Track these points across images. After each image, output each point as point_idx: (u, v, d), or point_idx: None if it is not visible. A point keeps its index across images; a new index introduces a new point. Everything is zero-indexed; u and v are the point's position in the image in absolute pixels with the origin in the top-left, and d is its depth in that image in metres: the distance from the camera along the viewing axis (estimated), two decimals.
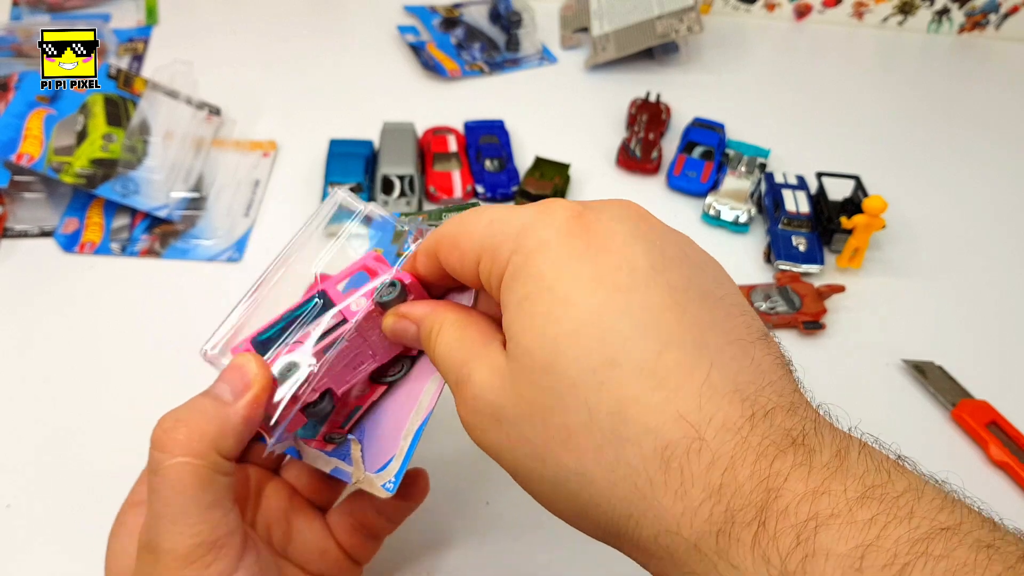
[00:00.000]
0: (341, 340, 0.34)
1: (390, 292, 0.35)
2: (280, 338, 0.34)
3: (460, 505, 0.51)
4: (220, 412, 0.30)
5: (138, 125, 0.69)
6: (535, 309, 0.26)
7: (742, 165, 0.75)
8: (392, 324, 0.34)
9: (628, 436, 0.24)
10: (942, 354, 0.61)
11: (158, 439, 0.29)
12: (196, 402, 0.31)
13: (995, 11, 0.98)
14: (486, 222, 0.29)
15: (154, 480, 0.29)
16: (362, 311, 0.34)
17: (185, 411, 0.30)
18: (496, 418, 0.27)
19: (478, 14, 0.95)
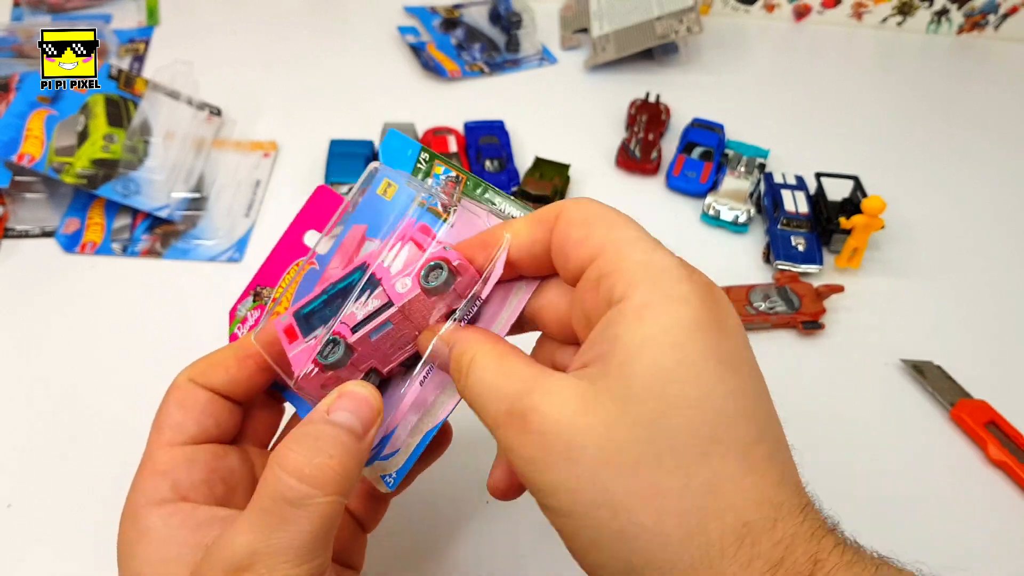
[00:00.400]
0: (387, 324, 0.33)
1: (437, 276, 0.33)
2: (322, 310, 0.34)
3: (460, 505, 0.51)
4: (356, 448, 0.30)
5: (139, 125, 0.69)
6: (658, 361, 0.26)
7: (741, 165, 0.75)
8: (426, 343, 0.33)
9: (714, 510, 0.25)
10: (941, 354, 0.61)
11: (307, 474, 0.28)
12: (331, 433, 0.29)
13: (994, 11, 0.98)
14: (635, 235, 0.29)
15: (294, 512, 0.27)
16: (408, 295, 0.33)
17: (328, 444, 0.29)
18: (569, 458, 0.26)
19: (478, 15, 0.95)
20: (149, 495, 0.31)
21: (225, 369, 0.35)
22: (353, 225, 0.37)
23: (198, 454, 0.33)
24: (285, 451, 0.29)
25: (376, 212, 0.37)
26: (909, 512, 0.52)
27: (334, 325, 0.34)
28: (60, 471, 0.51)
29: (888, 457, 0.56)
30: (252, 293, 0.39)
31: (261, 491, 0.28)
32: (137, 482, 0.33)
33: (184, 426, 0.33)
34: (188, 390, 0.34)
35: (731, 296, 0.63)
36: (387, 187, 0.38)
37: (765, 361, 0.66)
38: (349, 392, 0.31)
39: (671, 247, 0.69)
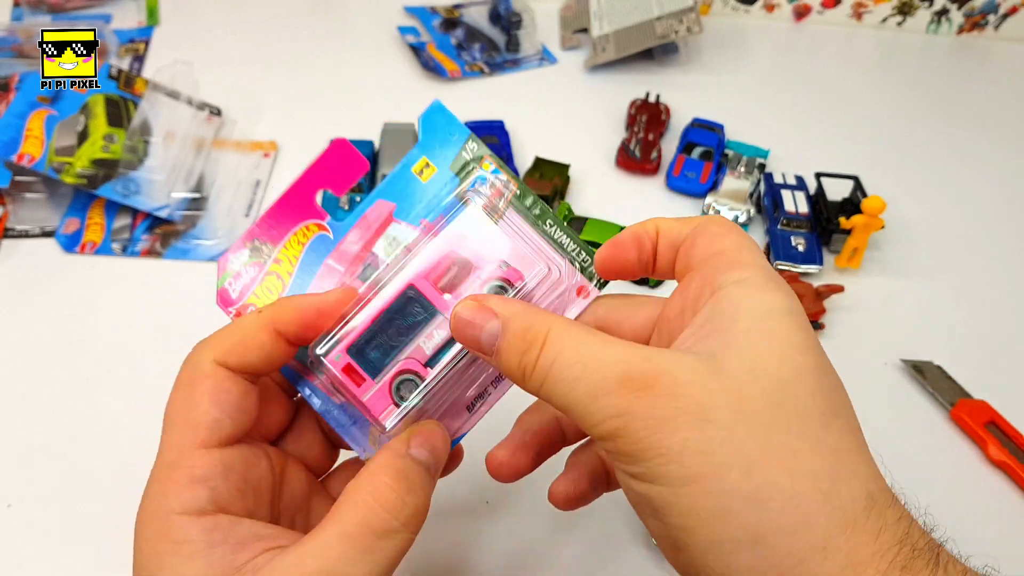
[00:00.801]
0: (463, 354, 0.33)
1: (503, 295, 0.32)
2: (375, 340, 0.33)
3: (460, 505, 0.51)
4: (432, 485, 0.32)
5: (139, 125, 0.69)
6: (784, 331, 0.28)
7: (741, 165, 0.75)
8: (468, 314, 0.31)
9: (844, 475, 0.26)
10: (941, 354, 0.61)
11: (400, 510, 0.29)
12: (418, 471, 0.30)
13: (994, 12, 0.98)
14: (756, 247, 0.31)
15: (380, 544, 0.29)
16: None
17: (418, 483, 0.30)
18: (704, 418, 0.25)
19: (478, 15, 0.95)
20: (186, 503, 0.28)
21: (260, 346, 0.31)
22: (379, 200, 0.35)
23: (234, 459, 0.31)
24: (381, 485, 0.29)
25: (407, 192, 0.35)
26: (909, 511, 0.52)
27: (399, 360, 0.33)
28: (60, 471, 0.51)
29: (888, 457, 0.55)
30: (249, 246, 0.35)
31: (346, 517, 0.28)
32: (166, 486, 0.29)
33: (221, 424, 0.30)
34: (220, 378, 0.31)
35: None
36: (424, 167, 0.35)
37: None
38: (428, 431, 0.32)
39: None
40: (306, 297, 0.33)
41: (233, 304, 0.35)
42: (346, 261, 0.35)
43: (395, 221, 0.35)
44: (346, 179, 0.35)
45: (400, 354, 0.33)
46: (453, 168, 0.35)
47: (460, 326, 0.31)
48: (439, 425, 0.32)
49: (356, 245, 0.35)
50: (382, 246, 0.35)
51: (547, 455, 0.38)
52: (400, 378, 0.33)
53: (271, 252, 0.35)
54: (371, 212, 0.35)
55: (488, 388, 0.36)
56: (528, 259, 0.34)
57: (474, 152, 0.35)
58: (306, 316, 0.32)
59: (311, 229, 0.35)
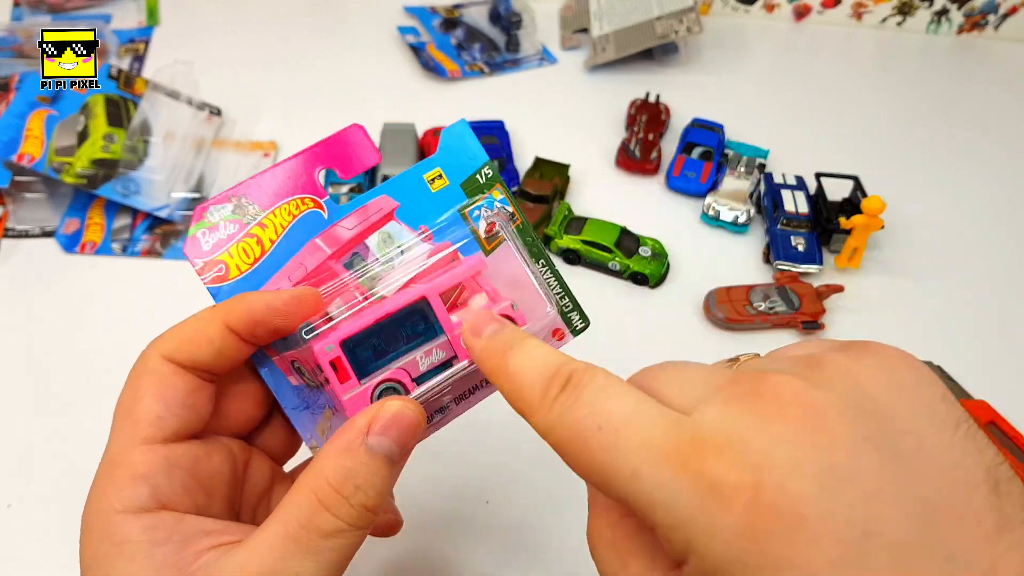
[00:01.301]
0: (447, 378, 0.32)
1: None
2: (371, 341, 0.32)
3: (460, 505, 0.51)
4: (393, 475, 0.29)
5: (139, 125, 0.69)
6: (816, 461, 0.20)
7: (741, 165, 0.75)
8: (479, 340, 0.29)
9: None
10: (941, 354, 0.61)
11: (345, 512, 0.27)
12: (371, 468, 0.28)
13: (994, 12, 0.98)
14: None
15: (324, 544, 0.27)
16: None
17: (368, 481, 0.28)
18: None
19: (478, 15, 0.95)
20: (125, 502, 0.28)
21: (210, 342, 0.30)
22: (384, 195, 0.34)
23: (179, 455, 0.30)
24: (324, 484, 0.27)
25: (414, 197, 0.35)
26: None
27: (390, 368, 0.32)
28: (60, 471, 0.51)
29: None
30: (235, 201, 0.33)
31: (289, 516, 0.27)
32: (107, 485, 0.29)
33: (164, 422, 0.29)
34: (166, 374, 0.30)
35: (731, 296, 0.63)
36: (437, 177, 0.35)
37: None
38: (393, 416, 0.29)
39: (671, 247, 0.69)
40: (260, 294, 0.31)
41: (202, 256, 0.33)
42: (335, 245, 0.34)
43: (395, 220, 0.34)
44: (354, 164, 0.35)
45: (393, 362, 0.32)
46: (464, 187, 0.35)
47: (484, 333, 0.29)
48: (410, 404, 0.29)
49: (350, 232, 0.34)
50: (376, 240, 0.34)
51: None
52: (384, 385, 0.32)
53: (257, 214, 0.33)
54: (373, 204, 0.34)
55: (451, 403, 0.35)
56: (535, 301, 0.34)
57: (487, 177, 0.35)
58: (255, 313, 0.31)
59: (306, 203, 0.34)
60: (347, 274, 0.33)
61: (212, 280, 0.33)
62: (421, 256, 0.34)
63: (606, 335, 0.63)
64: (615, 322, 0.63)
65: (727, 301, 0.63)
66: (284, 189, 0.34)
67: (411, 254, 0.34)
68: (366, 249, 0.34)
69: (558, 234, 0.67)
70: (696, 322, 0.63)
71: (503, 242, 0.35)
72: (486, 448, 0.54)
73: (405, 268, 0.34)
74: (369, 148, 0.35)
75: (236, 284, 0.33)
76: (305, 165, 0.34)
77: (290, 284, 0.33)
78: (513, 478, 0.52)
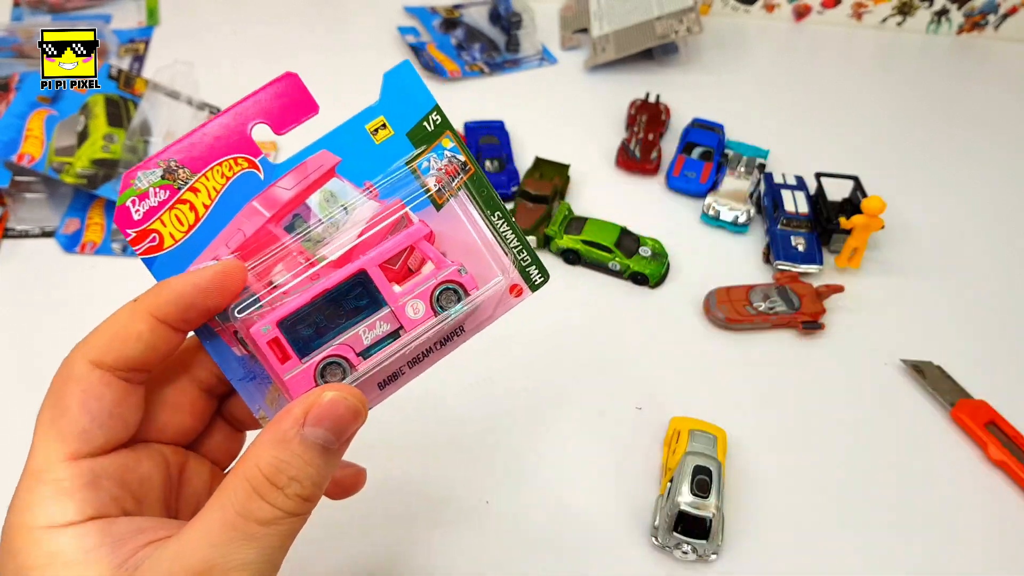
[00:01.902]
0: (394, 352, 0.31)
1: (450, 300, 0.31)
2: (311, 319, 0.30)
3: (460, 504, 0.51)
4: (331, 463, 0.28)
5: (139, 125, 0.69)
6: None
7: (741, 165, 0.75)
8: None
9: None
10: (941, 354, 0.61)
11: (281, 503, 0.27)
12: (305, 459, 0.27)
13: (994, 12, 0.98)
14: None
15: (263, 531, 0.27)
16: (421, 323, 0.31)
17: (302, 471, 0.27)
18: None
19: (478, 15, 0.95)
20: (52, 517, 0.27)
21: (138, 337, 0.29)
22: (323, 150, 0.32)
23: (106, 467, 0.28)
24: (258, 475, 0.27)
25: (357, 150, 0.32)
26: (910, 512, 0.52)
27: (333, 344, 0.31)
28: None
29: (888, 457, 0.56)
30: (163, 165, 0.31)
31: (226, 505, 0.27)
32: (30, 500, 0.27)
33: (90, 435, 0.28)
34: (92, 382, 0.28)
35: (731, 296, 0.63)
36: (380, 127, 0.33)
37: (765, 361, 0.66)
38: (330, 404, 0.28)
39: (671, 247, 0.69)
40: (183, 276, 0.30)
41: (134, 226, 0.31)
42: (274, 207, 0.32)
43: (337, 176, 0.32)
44: (289, 117, 0.32)
45: (335, 338, 0.31)
46: (411, 136, 0.32)
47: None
48: (347, 391, 0.28)
49: (289, 192, 0.32)
50: (317, 200, 0.32)
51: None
52: (327, 361, 0.31)
53: (188, 178, 0.31)
54: (312, 161, 0.32)
55: (403, 368, 0.33)
56: (487, 268, 0.33)
57: (436, 124, 0.33)
58: (184, 297, 0.29)
59: (239, 163, 0.31)
60: (288, 238, 0.32)
61: (146, 251, 0.31)
62: (367, 215, 0.32)
63: (606, 335, 0.63)
64: (615, 322, 0.63)
65: (727, 301, 0.63)
66: (215, 149, 0.31)
67: (357, 213, 0.32)
68: (307, 210, 0.32)
69: (558, 234, 0.67)
70: (696, 322, 0.63)
71: (455, 195, 0.33)
72: (486, 448, 0.54)
73: (350, 229, 0.32)
74: (306, 99, 0.33)
75: (172, 254, 0.31)
76: (236, 120, 0.32)
77: (228, 251, 0.31)
78: (513, 477, 0.52)
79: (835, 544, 0.51)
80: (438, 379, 0.54)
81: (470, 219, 0.33)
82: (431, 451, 0.54)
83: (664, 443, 0.54)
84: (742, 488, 0.52)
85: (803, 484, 0.53)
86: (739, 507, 0.51)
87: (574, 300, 0.65)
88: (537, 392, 0.57)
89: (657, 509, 0.50)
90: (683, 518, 0.47)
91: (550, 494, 0.51)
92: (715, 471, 0.49)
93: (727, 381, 0.59)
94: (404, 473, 0.52)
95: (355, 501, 0.51)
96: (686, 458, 0.49)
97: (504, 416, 0.56)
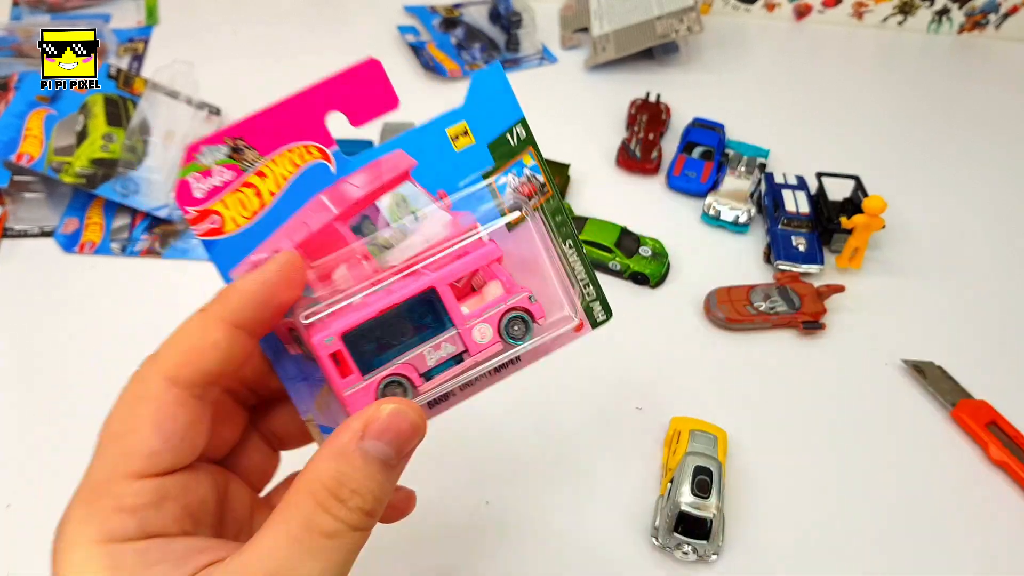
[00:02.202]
0: (455, 376, 0.31)
1: (520, 330, 0.30)
2: (375, 333, 0.29)
3: (460, 505, 0.51)
4: (391, 478, 0.28)
5: (138, 125, 0.69)
6: None
7: (742, 165, 0.75)
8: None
9: None
10: (942, 354, 0.61)
11: (344, 516, 0.27)
12: (366, 472, 0.27)
13: (995, 11, 0.98)
14: None
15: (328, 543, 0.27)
16: (488, 349, 0.30)
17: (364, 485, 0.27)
18: None
19: (478, 14, 0.95)
20: (111, 531, 0.26)
21: (215, 347, 0.28)
22: (399, 150, 0.30)
23: (171, 487, 0.28)
24: (320, 488, 0.27)
25: (434, 155, 0.31)
26: (910, 512, 0.52)
27: (396, 363, 0.30)
28: (60, 471, 0.51)
29: (888, 457, 0.55)
30: (231, 143, 0.29)
31: (290, 518, 0.27)
32: (89, 512, 0.27)
33: (160, 457, 0.28)
34: (167, 402, 0.28)
35: (731, 296, 0.63)
36: (462, 133, 0.31)
37: (765, 361, 0.66)
38: (389, 418, 0.28)
39: (671, 247, 0.69)
40: (247, 277, 0.29)
41: (196, 204, 0.29)
42: (343, 204, 0.30)
43: (410, 180, 0.30)
44: (368, 110, 0.31)
45: (399, 356, 0.30)
46: (492, 148, 0.31)
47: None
48: (407, 405, 0.28)
49: (360, 191, 0.30)
50: (388, 202, 0.30)
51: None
52: (389, 379, 0.30)
53: (256, 160, 0.29)
54: (386, 160, 0.30)
55: (455, 390, 0.33)
56: (554, 299, 0.32)
57: (520, 139, 0.31)
58: (256, 297, 0.28)
59: (312, 152, 0.30)
60: (356, 240, 0.30)
61: (206, 232, 0.29)
62: (438, 227, 0.30)
63: (606, 335, 0.63)
64: (615, 322, 0.63)
65: (727, 301, 0.63)
66: (287, 133, 0.30)
67: (427, 223, 0.30)
68: (376, 212, 0.31)
69: None
70: (696, 322, 0.63)
71: (530, 217, 0.31)
72: (485, 448, 0.54)
73: (419, 239, 0.30)
74: (387, 91, 0.31)
75: (232, 239, 0.30)
76: (311, 106, 0.30)
77: (291, 245, 0.30)
78: (513, 478, 0.52)
79: (835, 544, 0.50)
80: None
81: (542, 245, 0.32)
82: (431, 451, 0.53)
83: (664, 443, 0.54)
84: (742, 488, 0.52)
85: (804, 484, 0.53)
86: (740, 507, 0.51)
87: None
88: (537, 392, 0.57)
89: (657, 509, 0.50)
90: (684, 518, 0.47)
91: (550, 494, 0.51)
92: (716, 471, 0.49)
93: (727, 381, 0.59)
94: (404, 473, 0.52)
95: None
96: (686, 458, 0.49)
97: (504, 416, 0.56)
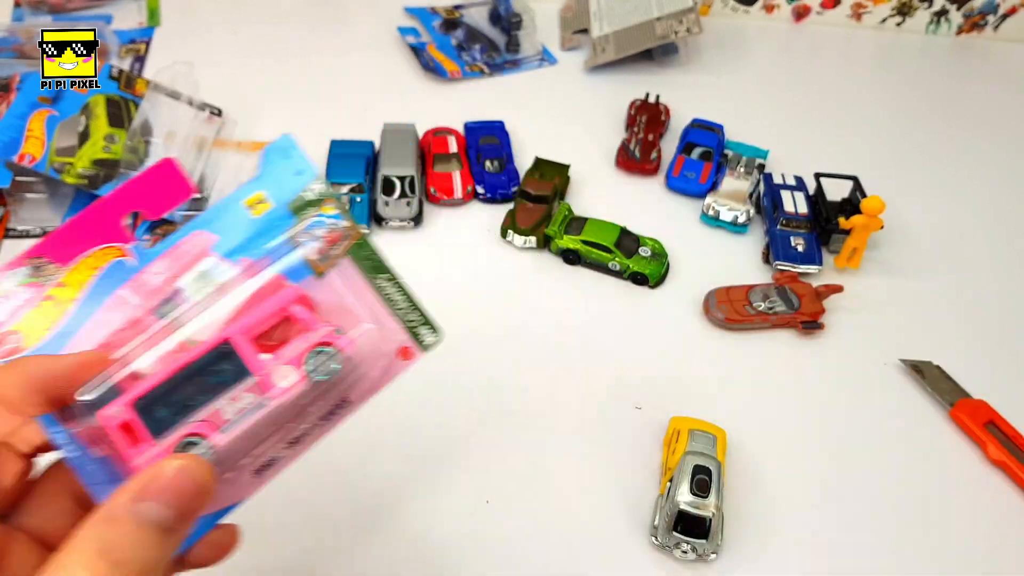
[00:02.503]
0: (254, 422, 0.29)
1: (326, 364, 0.29)
2: (169, 397, 0.28)
3: (460, 504, 0.51)
4: (168, 543, 0.25)
5: (140, 126, 0.69)
6: None
7: (741, 166, 0.75)
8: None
9: None
10: (940, 354, 0.61)
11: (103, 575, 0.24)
12: (134, 538, 0.24)
13: (993, 12, 0.98)
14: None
15: None
16: (290, 393, 0.29)
17: (130, 553, 0.24)
18: None
19: (478, 15, 0.95)
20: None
21: None
22: (196, 231, 0.31)
23: None
24: (80, 557, 0.24)
25: (233, 225, 0.31)
26: (909, 512, 0.52)
27: (190, 422, 0.28)
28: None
29: (887, 456, 0.56)
30: (32, 263, 0.30)
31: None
32: None
33: None
34: None
35: (731, 296, 0.63)
36: (258, 202, 0.31)
37: (764, 361, 0.66)
38: (171, 477, 0.25)
39: (670, 247, 0.69)
40: (39, 359, 0.28)
41: None
42: (143, 294, 0.30)
43: (210, 255, 0.31)
44: (164, 202, 0.32)
45: (194, 415, 0.28)
46: (292, 207, 0.31)
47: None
48: (195, 462, 0.26)
49: (159, 277, 0.30)
50: (189, 280, 0.31)
51: None
52: (184, 441, 0.28)
53: (55, 273, 0.30)
54: (185, 243, 0.31)
55: (281, 451, 0.31)
56: (372, 333, 0.31)
57: (317, 193, 0.31)
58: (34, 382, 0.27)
59: (109, 252, 0.30)
60: (156, 324, 0.30)
61: (5, 354, 0.29)
62: (241, 291, 0.30)
63: (606, 335, 0.63)
64: (615, 322, 0.64)
65: (727, 301, 0.63)
66: (85, 240, 0.30)
67: (228, 289, 0.30)
68: (177, 293, 0.31)
69: (558, 234, 0.67)
70: (696, 322, 0.63)
71: (337, 263, 0.31)
72: (486, 447, 0.54)
73: (219, 305, 0.30)
74: (180, 184, 0.32)
75: (34, 353, 0.29)
76: (107, 211, 0.31)
77: (92, 346, 0.29)
78: (513, 478, 0.52)
79: (835, 544, 0.51)
80: (438, 380, 0.54)
81: (353, 285, 0.31)
82: (431, 451, 0.54)
83: (664, 443, 0.54)
84: (742, 488, 0.52)
85: (803, 484, 0.53)
86: (739, 507, 0.51)
87: (574, 300, 0.65)
88: (537, 392, 0.58)
89: (657, 509, 0.50)
90: (683, 517, 0.47)
91: (550, 494, 0.52)
92: (715, 471, 0.49)
93: (727, 381, 0.59)
94: (404, 473, 0.52)
95: (355, 501, 0.51)
96: (686, 457, 0.50)
97: (504, 416, 0.56)
